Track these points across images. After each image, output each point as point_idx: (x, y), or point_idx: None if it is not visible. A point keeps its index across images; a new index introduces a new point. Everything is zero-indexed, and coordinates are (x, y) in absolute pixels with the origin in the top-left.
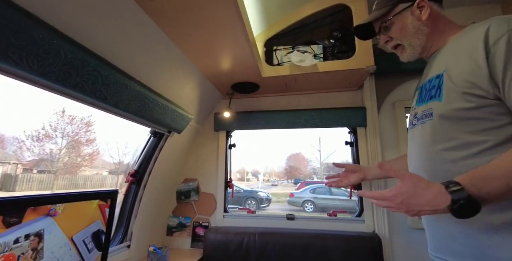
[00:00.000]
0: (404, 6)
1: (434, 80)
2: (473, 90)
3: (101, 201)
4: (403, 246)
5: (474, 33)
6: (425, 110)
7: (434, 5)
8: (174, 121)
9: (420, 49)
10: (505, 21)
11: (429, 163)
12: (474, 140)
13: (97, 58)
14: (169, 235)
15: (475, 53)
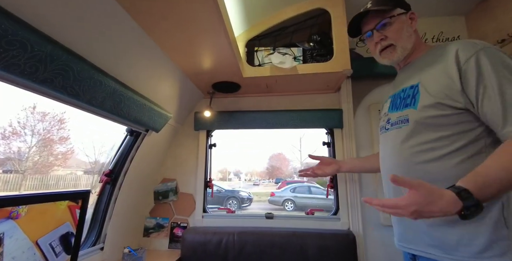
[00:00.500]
0: (401, 11)
1: (408, 90)
2: (446, 100)
3: (71, 202)
4: (375, 242)
5: (445, 53)
6: (401, 116)
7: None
8: (152, 120)
9: (406, 53)
10: (471, 45)
11: (404, 163)
12: (443, 144)
13: (69, 53)
14: (146, 236)
15: (450, 71)
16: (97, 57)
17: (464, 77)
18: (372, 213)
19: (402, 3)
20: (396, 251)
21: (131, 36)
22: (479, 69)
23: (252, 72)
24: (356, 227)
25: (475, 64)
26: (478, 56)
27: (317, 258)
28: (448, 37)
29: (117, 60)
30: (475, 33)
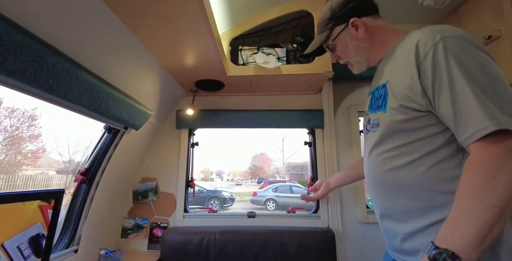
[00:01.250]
0: (340, 28)
1: (380, 89)
2: (409, 103)
3: (43, 201)
4: (353, 239)
5: (408, 45)
6: (375, 119)
7: (367, 19)
8: (132, 117)
9: (365, 63)
10: (431, 34)
11: (375, 171)
12: (412, 149)
13: (42, 44)
14: (124, 237)
15: (410, 69)
16: (74, 50)
17: (423, 76)
18: (351, 210)
19: (341, 16)
20: (372, 248)
21: (111, 30)
22: (435, 65)
23: (236, 71)
24: (336, 224)
25: (432, 60)
26: (436, 49)
27: (297, 255)
28: None
29: (96, 54)
30: None
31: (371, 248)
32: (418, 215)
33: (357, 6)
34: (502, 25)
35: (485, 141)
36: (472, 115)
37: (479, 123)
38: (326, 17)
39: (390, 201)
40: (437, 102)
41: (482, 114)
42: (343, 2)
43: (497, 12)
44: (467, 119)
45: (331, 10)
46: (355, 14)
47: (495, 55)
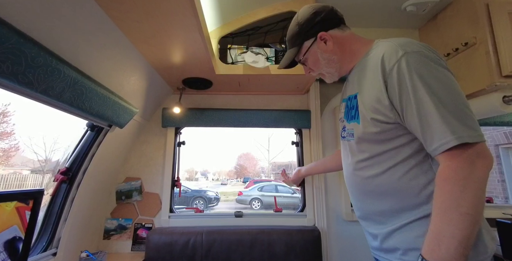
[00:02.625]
0: (310, 42)
1: (352, 100)
2: (379, 116)
3: (20, 203)
4: (338, 237)
5: (375, 59)
6: (350, 129)
7: (335, 31)
8: (116, 114)
9: (337, 73)
10: (394, 49)
11: (353, 177)
12: (387, 157)
13: (20, 35)
14: (107, 239)
15: (377, 83)
16: (56, 43)
17: (390, 90)
18: (336, 209)
19: (308, 31)
20: (356, 245)
21: (96, 25)
22: (400, 81)
23: (225, 69)
24: (321, 223)
25: (397, 74)
26: (400, 65)
27: (284, 254)
28: None
29: (79, 49)
30: None
31: (355, 245)
32: (396, 216)
33: (324, 20)
34: (477, 33)
35: (449, 153)
36: (436, 129)
37: (442, 137)
38: (294, 32)
39: (371, 205)
40: (405, 115)
41: (444, 129)
42: (310, 17)
43: (473, 20)
44: (432, 133)
45: (298, 26)
46: (323, 28)
47: (470, 61)
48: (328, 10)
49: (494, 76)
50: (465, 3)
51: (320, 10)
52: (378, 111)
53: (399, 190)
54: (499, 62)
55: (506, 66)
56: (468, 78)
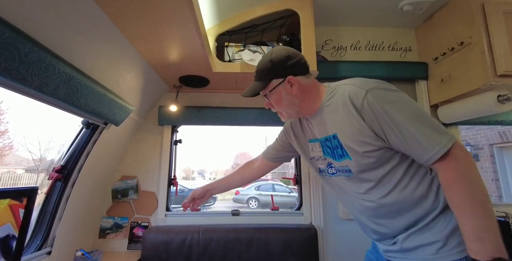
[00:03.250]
0: (278, 82)
1: (332, 140)
2: (368, 147)
3: (14, 200)
4: (334, 235)
5: (341, 100)
6: (342, 166)
7: (302, 78)
8: (112, 112)
9: (295, 115)
10: (357, 89)
11: (371, 205)
12: (385, 181)
13: (13, 30)
14: (102, 238)
15: (354, 119)
16: (51, 39)
17: (368, 122)
18: (333, 207)
19: (280, 71)
20: (352, 243)
21: (92, 21)
22: (374, 112)
23: (222, 67)
24: (318, 221)
25: (369, 108)
26: (367, 99)
27: (281, 252)
28: (401, 46)
29: (75, 45)
30: (423, 45)
31: (351, 243)
32: (415, 223)
33: (295, 65)
34: (473, 32)
35: (441, 160)
36: (422, 145)
37: (430, 150)
38: (266, 67)
39: (391, 225)
40: (389, 140)
41: (429, 142)
42: (283, 58)
43: (469, 20)
44: (419, 148)
45: (271, 63)
46: (292, 72)
47: (466, 60)
48: (300, 58)
49: (489, 76)
50: (461, 3)
51: (293, 55)
52: (365, 143)
53: (411, 201)
54: (494, 62)
55: (500, 65)
56: (464, 77)
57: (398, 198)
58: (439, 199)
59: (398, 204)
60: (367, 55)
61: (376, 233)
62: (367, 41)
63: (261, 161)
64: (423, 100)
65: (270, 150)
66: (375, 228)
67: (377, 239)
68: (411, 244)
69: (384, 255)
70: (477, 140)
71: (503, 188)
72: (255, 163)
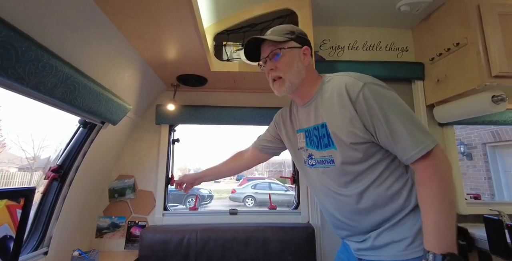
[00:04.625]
0: (295, 44)
1: (320, 129)
2: (356, 139)
3: (11, 201)
4: (332, 233)
5: (337, 89)
6: (325, 157)
7: (310, 58)
8: (109, 111)
9: (295, 88)
10: (355, 81)
11: (337, 200)
12: (363, 176)
13: (10, 28)
14: (99, 237)
15: (347, 109)
16: (48, 37)
17: (360, 114)
18: None
19: (299, 38)
20: None
21: (89, 19)
22: (368, 106)
23: (220, 66)
24: (315, 220)
25: (364, 100)
26: (364, 92)
27: (279, 251)
28: (398, 47)
29: (72, 44)
30: (419, 45)
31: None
32: (387, 221)
33: (309, 42)
34: (469, 33)
35: (423, 158)
36: (407, 142)
37: (414, 148)
38: (287, 29)
39: (364, 220)
40: (378, 135)
41: (414, 141)
42: (303, 32)
43: (465, 21)
44: (404, 146)
45: (293, 28)
46: (309, 45)
47: (462, 61)
48: (309, 42)
49: (484, 76)
50: (457, 4)
51: (306, 36)
52: (354, 134)
53: (386, 198)
54: (489, 63)
55: (495, 66)
56: (459, 78)
57: (374, 193)
58: (411, 198)
59: (373, 199)
60: (364, 55)
61: (348, 229)
62: (364, 41)
63: (251, 152)
64: (419, 100)
65: (261, 140)
66: (348, 223)
67: (347, 236)
68: (383, 240)
69: (355, 253)
70: (470, 139)
71: (495, 187)
72: (245, 154)
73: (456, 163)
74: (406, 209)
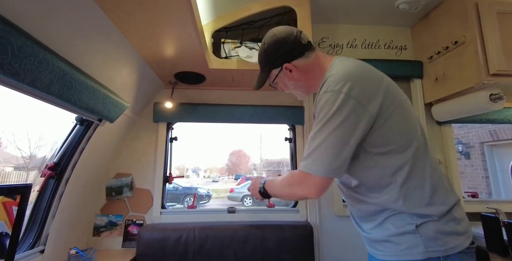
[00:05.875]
0: (277, 71)
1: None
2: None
3: (7, 197)
4: (330, 232)
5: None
6: None
7: (299, 61)
8: (106, 108)
9: (307, 93)
10: (331, 82)
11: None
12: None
13: (6, 23)
14: (96, 236)
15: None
16: (44, 33)
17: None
18: (328, 204)
19: (274, 61)
20: (347, 240)
21: (86, 16)
22: (317, 107)
23: (218, 64)
24: (314, 218)
25: (318, 102)
26: (322, 97)
27: (277, 249)
28: (397, 45)
29: (68, 40)
30: (418, 44)
31: (346, 240)
32: (374, 216)
33: (288, 52)
34: (467, 32)
35: (300, 169)
36: (304, 154)
37: (302, 160)
38: (262, 59)
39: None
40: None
41: (304, 157)
42: (275, 48)
43: (463, 19)
44: (304, 155)
45: (265, 54)
46: (286, 59)
47: (460, 59)
48: (292, 40)
49: (482, 75)
50: (455, 2)
51: (283, 40)
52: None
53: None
54: (487, 61)
55: (493, 64)
56: (457, 76)
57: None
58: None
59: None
60: (363, 53)
61: (354, 215)
62: (363, 39)
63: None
64: (418, 99)
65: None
66: (351, 210)
67: (357, 223)
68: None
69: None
70: (468, 138)
71: (492, 185)
72: None
73: (454, 162)
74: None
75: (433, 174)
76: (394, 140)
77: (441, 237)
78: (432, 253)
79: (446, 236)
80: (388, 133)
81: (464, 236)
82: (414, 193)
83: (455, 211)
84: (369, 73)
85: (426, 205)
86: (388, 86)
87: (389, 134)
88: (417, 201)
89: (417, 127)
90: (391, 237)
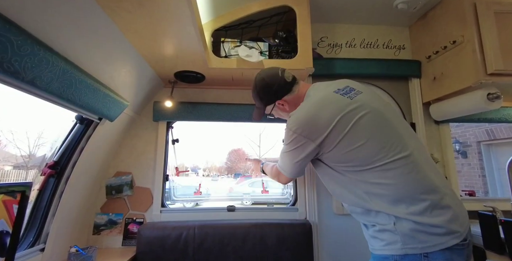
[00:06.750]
0: (271, 107)
1: None
2: None
3: (7, 196)
4: (329, 230)
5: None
6: None
7: (288, 96)
8: (106, 107)
9: None
10: (290, 124)
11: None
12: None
13: (6, 21)
14: (96, 234)
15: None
16: (44, 32)
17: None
18: (327, 203)
19: (267, 101)
20: (346, 238)
21: (86, 14)
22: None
23: (218, 63)
24: (312, 216)
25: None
26: (284, 129)
27: (276, 247)
28: (395, 44)
29: (68, 39)
30: (416, 43)
31: (345, 238)
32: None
33: (277, 91)
34: (465, 32)
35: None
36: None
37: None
38: (256, 98)
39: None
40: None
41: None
42: (265, 89)
43: (461, 19)
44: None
45: (258, 96)
46: (277, 97)
47: (458, 59)
48: (278, 81)
49: (480, 74)
50: (453, 2)
51: (271, 82)
52: None
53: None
54: (484, 60)
55: (491, 64)
56: (455, 75)
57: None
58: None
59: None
60: (361, 53)
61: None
62: (362, 38)
63: None
64: (416, 98)
65: None
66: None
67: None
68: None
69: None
70: (465, 137)
71: (489, 184)
72: None
73: (452, 161)
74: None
75: (407, 179)
76: (351, 160)
77: (417, 235)
78: (410, 250)
79: (423, 234)
80: (340, 155)
81: (449, 235)
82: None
83: (434, 210)
84: (319, 115)
85: (394, 206)
86: (344, 119)
87: (342, 156)
88: (386, 202)
89: (394, 141)
90: (376, 233)
